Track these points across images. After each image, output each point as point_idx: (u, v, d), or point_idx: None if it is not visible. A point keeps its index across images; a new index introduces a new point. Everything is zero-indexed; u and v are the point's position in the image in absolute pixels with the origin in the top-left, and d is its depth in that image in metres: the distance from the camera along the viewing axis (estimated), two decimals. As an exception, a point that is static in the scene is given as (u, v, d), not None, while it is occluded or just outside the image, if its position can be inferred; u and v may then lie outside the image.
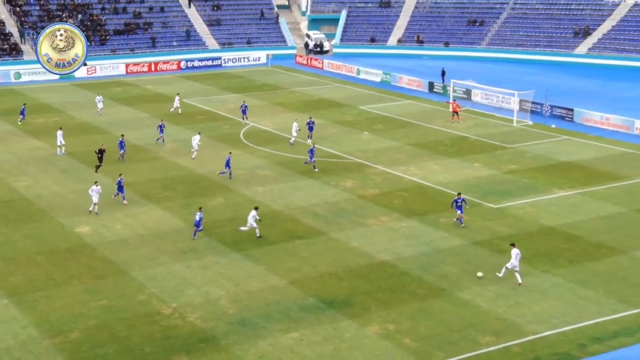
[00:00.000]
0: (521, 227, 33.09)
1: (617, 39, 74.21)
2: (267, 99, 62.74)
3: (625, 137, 48.04)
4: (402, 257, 30.24)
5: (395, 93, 64.26)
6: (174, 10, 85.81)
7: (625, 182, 38.90)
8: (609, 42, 74.48)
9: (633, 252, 30.11)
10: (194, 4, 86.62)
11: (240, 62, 79.70)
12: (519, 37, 79.77)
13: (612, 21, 76.47)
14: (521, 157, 43.88)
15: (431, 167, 42.32)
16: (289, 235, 32.64)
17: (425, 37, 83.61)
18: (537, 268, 28.92)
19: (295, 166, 42.84)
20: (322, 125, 52.98)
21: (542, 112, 53.99)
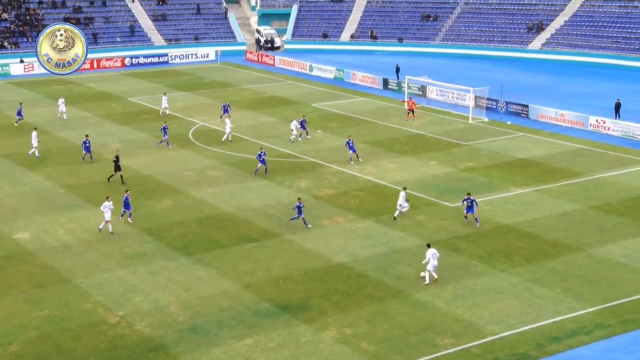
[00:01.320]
0: (478, 225, 33.49)
1: (569, 35, 75.91)
2: (216, 97, 62.26)
3: (580, 133, 49.13)
4: (358, 258, 30.32)
5: (349, 90, 64.49)
6: (116, 4, 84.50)
7: (580, 178, 39.78)
8: (562, 37, 76.13)
9: (588, 250, 30.78)
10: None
11: (188, 58, 78.94)
12: (473, 32, 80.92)
13: (565, 16, 78.18)
14: (477, 154, 44.49)
15: (387, 166, 42.56)
16: (242, 238, 32.43)
17: (378, 33, 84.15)
18: (495, 267, 29.33)
19: (247, 166, 42.59)
20: (274, 124, 52.83)
21: (497, 109, 54.85)
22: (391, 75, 66.83)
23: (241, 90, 64.86)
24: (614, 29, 73.85)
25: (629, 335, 24.34)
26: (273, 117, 54.82)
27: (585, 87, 63.88)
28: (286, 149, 46.19)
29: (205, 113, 55.35)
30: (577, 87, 63.70)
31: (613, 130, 48.75)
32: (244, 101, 60.09)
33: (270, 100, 60.45)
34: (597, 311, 25.85)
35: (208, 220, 34.53)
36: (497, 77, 65.43)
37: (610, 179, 39.71)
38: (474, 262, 29.78)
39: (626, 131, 48.09)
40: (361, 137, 48.58)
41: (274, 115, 55.31)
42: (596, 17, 76.27)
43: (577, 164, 42.29)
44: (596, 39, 73.81)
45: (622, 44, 72.02)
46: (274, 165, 42.27)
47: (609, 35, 73.59)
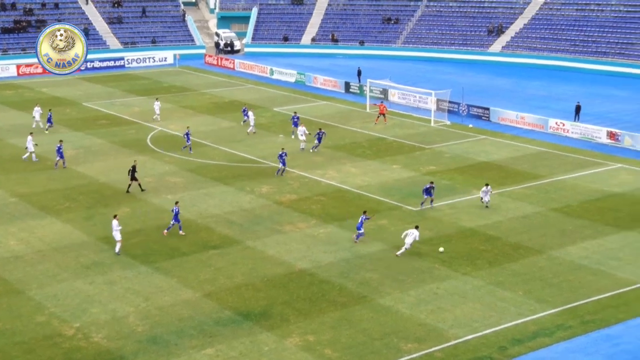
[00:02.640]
0: (441, 229, 33.85)
1: (529, 38, 77.16)
2: (175, 101, 61.80)
3: (540, 136, 49.97)
4: (321, 264, 30.36)
5: (311, 94, 64.60)
6: (69, 6, 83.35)
7: (540, 181, 40.44)
8: (521, 40, 77.35)
9: (549, 252, 31.31)
10: (91, 0, 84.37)
11: (145, 62, 78.23)
12: (434, 35, 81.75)
13: (524, 19, 79.48)
14: (440, 157, 44.93)
15: (349, 170, 42.73)
16: (203, 246, 32.23)
17: (339, 36, 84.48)
18: (458, 271, 29.64)
19: (208, 172, 42.36)
20: (235, 129, 52.65)
21: (459, 112, 55.48)
22: (353, 79, 67.16)
23: (200, 95, 64.49)
24: (572, 32, 75.31)
25: (589, 336, 24.81)
26: (234, 122, 54.60)
27: (544, 90, 65.00)
28: (247, 154, 46.04)
29: (163, 118, 54.90)
30: (537, 90, 64.79)
31: (572, 132, 49.68)
32: (204, 106, 59.77)
33: (230, 105, 60.24)
34: (558, 313, 26.30)
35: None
36: (459, 80, 66.19)
37: (569, 181, 40.46)
38: (437, 266, 30.06)
39: (585, 133, 49.05)
40: (323, 141, 48.61)
41: (235, 120, 55.09)
42: (554, 21, 77.72)
43: (538, 167, 42.99)
44: (555, 42, 75.18)
45: (579, 47, 73.48)
46: (235, 171, 42.11)
47: (567, 38, 75.02)
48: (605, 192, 38.45)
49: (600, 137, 48.19)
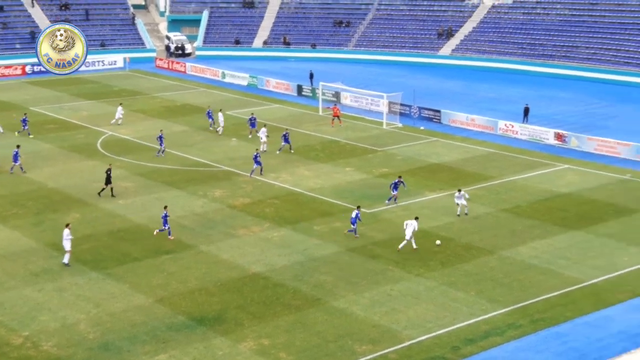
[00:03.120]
0: (394, 230, 34.11)
1: (478, 41, 78.41)
2: (125, 105, 60.93)
3: (490, 138, 50.80)
4: (275, 267, 30.32)
5: (263, 97, 64.50)
6: (14, 9, 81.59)
7: (491, 182, 41.10)
8: (470, 43, 78.56)
9: (500, 252, 31.84)
10: (37, 3, 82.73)
11: (94, 66, 77.01)
12: (385, 38, 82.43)
13: (473, 23, 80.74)
14: (392, 160, 45.31)
15: (303, 173, 42.76)
16: (155, 251, 31.88)
17: (291, 39, 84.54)
18: (411, 272, 29.92)
19: (160, 176, 41.92)
20: (187, 133, 52.23)
21: (410, 114, 56.03)
22: (305, 82, 67.27)
23: (152, 99, 63.80)
24: (519, 36, 76.80)
25: (539, 335, 25.30)
26: (186, 126, 54.15)
27: (494, 92, 66.11)
28: (200, 157, 45.71)
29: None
30: (486, 92, 65.86)
31: (521, 134, 50.63)
32: (155, 109, 59.15)
33: (182, 109, 59.73)
34: (509, 312, 26.75)
35: (119, 233, 33.78)
36: (410, 83, 66.88)
37: (519, 182, 41.22)
38: (390, 268, 30.29)
39: (533, 135, 50.05)
40: (276, 145, 48.61)
41: (187, 124, 54.65)
42: (502, 24, 79.13)
43: (488, 168, 43.69)
44: (503, 45, 76.55)
45: (527, 50, 74.96)
46: (187, 175, 41.77)
47: (514, 41, 76.46)
48: (554, 193, 39.28)
49: (547, 138, 49.23)
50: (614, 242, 32.76)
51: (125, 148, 47.87)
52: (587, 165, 43.95)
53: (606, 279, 29.23)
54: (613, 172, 42.58)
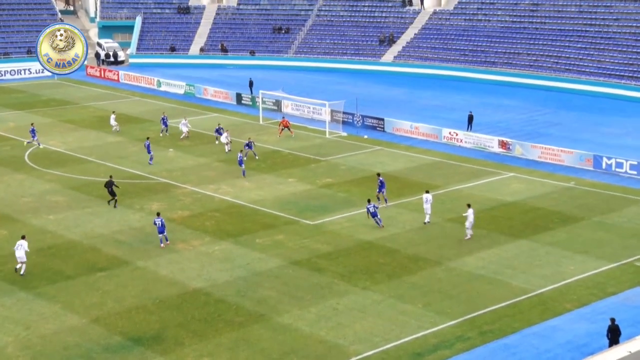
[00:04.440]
0: (339, 243, 34.22)
1: (420, 47, 79.58)
2: (55, 115, 59.71)
3: (434, 146, 51.48)
4: (216, 283, 30.03)
5: (201, 106, 64.02)
6: None
7: (436, 191, 41.60)
8: (412, 50, 79.66)
9: (447, 263, 32.22)
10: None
11: (20, 74, 75.13)
12: (325, 45, 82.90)
13: (415, 29, 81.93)
14: (336, 169, 45.49)
15: (243, 185, 42.55)
16: (89, 268, 31.23)
17: (229, 46, 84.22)
18: (357, 285, 30.02)
19: (93, 189, 41.11)
20: (121, 144, 51.41)
21: (354, 123, 56.39)
22: (245, 90, 67.06)
23: (82, 108, 62.62)
24: (461, 42, 78.25)
25: (488, 347, 25.66)
26: (120, 137, 53.28)
27: (437, 99, 67.08)
28: (135, 169, 45.03)
29: (42, 133, 52.85)
30: (430, 100, 66.78)
31: (465, 142, 51.48)
32: (87, 120, 58.07)
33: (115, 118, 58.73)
34: (457, 324, 27.06)
35: (50, 250, 32.98)
36: (352, 91, 67.34)
37: (465, 191, 41.87)
38: (336, 281, 30.33)
39: (478, 143, 50.94)
40: (215, 155, 48.28)
41: (121, 135, 53.78)
42: (444, 31, 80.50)
43: (433, 177, 44.25)
44: (445, 52, 77.86)
45: (469, 56, 76.39)
46: (122, 188, 41.03)
47: (457, 48, 77.85)
48: (499, 201, 40.02)
49: (492, 146, 50.18)
50: (560, 250, 33.53)
51: (55, 160, 46.80)
52: (532, 174, 44.94)
53: (553, 288, 29.86)
54: (557, 180, 43.66)
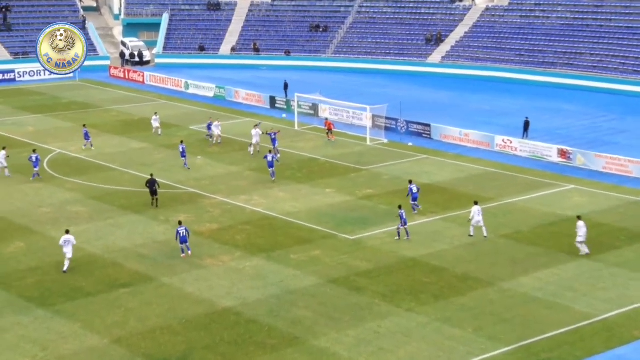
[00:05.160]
0: (380, 260, 34.11)
1: (470, 47, 79.23)
2: (76, 119, 60.67)
3: (486, 155, 51.13)
4: (247, 302, 30.15)
5: (232, 110, 64.49)
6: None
7: (488, 204, 41.27)
8: (462, 50, 79.35)
9: (500, 284, 31.90)
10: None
11: (39, 75, 76.40)
12: (367, 44, 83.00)
13: (465, 27, 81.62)
14: (377, 179, 45.42)
15: (277, 195, 42.70)
16: (111, 284, 31.59)
17: (262, 45, 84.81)
18: (401, 306, 29.88)
19: (115, 199, 41.63)
20: (146, 150, 52.01)
21: (397, 129, 56.30)
22: (279, 93, 67.40)
23: (105, 112, 63.52)
24: (517, 41, 77.72)
25: (546, 376, 25.34)
26: (144, 143, 53.92)
27: (489, 104, 66.66)
28: (161, 178, 45.47)
29: (63, 139, 53.75)
30: (481, 104, 66.38)
31: (521, 150, 51.05)
32: (110, 124, 58.87)
33: (140, 123, 59.48)
34: (511, 351, 26.75)
35: (69, 265, 33.41)
36: (396, 94, 67.24)
37: (519, 204, 41.48)
38: (377, 302, 30.23)
39: (534, 152, 50.47)
40: (247, 163, 48.59)
41: (146, 140, 54.42)
42: (497, 29, 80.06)
43: (485, 189, 43.92)
44: (498, 52, 77.41)
45: (525, 57, 75.84)
46: (147, 198, 41.46)
47: (511, 47, 77.35)
48: (559, 216, 39.56)
49: (550, 155, 49.67)
50: (627, 271, 32.99)
51: (76, 168, 47.50)
52: (595, 186, 44.38)
53: (619, 313, 29.38)
54: (624, 193, 43.02)
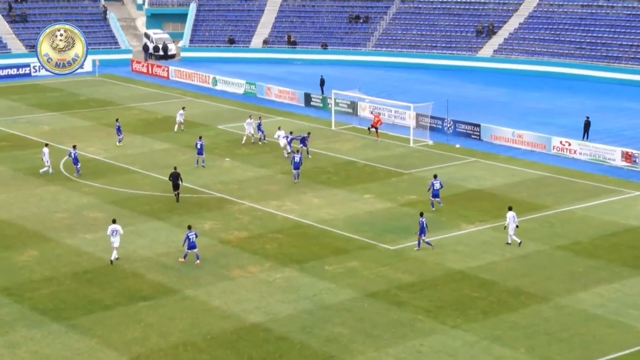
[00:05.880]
0: (424, 272, 33.99)
1: (525, 39, 78.70)
2: (95, 118, 61.39)
3: (542, 158, 50.72)
4: (278, 317, 30.22)
5: (263, 108, 64.74)
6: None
7: (544, 212, 40.93)
8: (516, 42, 78.85)
9: (556, 299, 31.61)
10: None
11: (57, 69, 77.65)
12: (411, 37, 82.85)
13: (520, 17, 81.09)
14: (421, 184, 45.28)
15: (311, 201, 42.76)
16: (130, 297, 31.86)
17: (297, 38, 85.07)
18: (446, 323, 29.75)
19: (136, 204, 42.02)
20: (170, 151, 52.44)
21: (443, 129, 56.10)
22: (315, 90, 67.53)
23: (127, 110, 64.15)
24: (577, 33, 77.01)
25: (608, 402, 25.05)
26: (168, 143, 54.37)
27: (545, 102, 66.11)
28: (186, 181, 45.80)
29: (80, 139, 54.42)
30: (536, 102, 65.86)
31: (580, 153, 50.57)
32: (132, 123, 59.44)
33: (164, 122, 60.00)
34: (569, 373, 26.52)
35: (86, 275, 33.79)
36: (442, 91, 66.99)
37: (578, 212, 41.07)
38: (420, 318, 30.13)
39: (596, 155, 49.96)
40: (280, 165, 48.76)
41: (169, 141, 54.87)
42: (556, 19, 79.42)
43: (540, 195, 43.56)
44: (557, 45, 76.78)
45: (586, 50, 75.12)
46: (170, 203, 41.82)
47: (571, 40, 76.68)
48: (622, 226, 39.11)
49: (614, 159, 49.14)
50: (698, 287, 32.50)
51: (94, 170, 48.04)
52: (663, 192, 43.85)
53: (689, 332, 28.96)
54: (695, 201, 42.42)
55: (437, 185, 40.91)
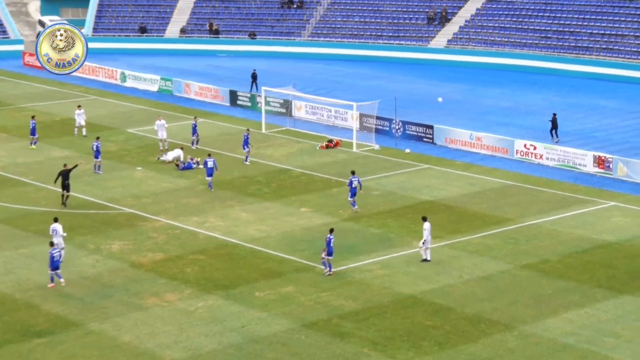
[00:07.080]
0: (370, 297, 34.08)
1: (483, 28, 79.69)
2: (-19, 120, 60.49)
3: (503, 164, 51.33)
4: (200, 353, 30.05)
5: (181, 107, 64.47)
6: None
7: (507, 226, 41.41)
8: (473, 31, 79.78)
9: (522, 327, 31.93)
10: None
11: None
12: (353, 24, 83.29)
13: (476, 3, 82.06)
14: (366, 196, 45.44)
15: (239, 216, 42.68)
16: (23, 332, 31.40)
17: (220, 25, 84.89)
18: (396, 357, 29.86)
19: (30, 223, 41.43)
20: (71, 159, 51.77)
21: (391, 132, 56.43)
22: (242, 87, 67.41)
23: (18, 111, 63.35)
24: (542, 20, 78.15)
25: None
26: (68, 150, 53.76)
27: (508, 99, 67.00)
28: (89, 195, 45.32)
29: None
30: (497, 100, 66.70)
31: (547, 158, 51.27)
32: (23, 127, 58.56)
33: (62, 125, 59.41)
34: (537, 412, 26.86)
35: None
36: (390, 88, 67.47)
37: (546, 226, 41.63)
38: (366, 351, 30.20)
39: (564, 160, 50.70)
40: (201, 175, 48.50)
41: (70, 147, 54.26)
42: (518, 4, 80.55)
43: (502, 207, 44.07)
44: (519, 34, 77.90)
45: (553, 40, 76.36)
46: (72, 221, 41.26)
47: (535, 28, 77.83)
48: (595, 242, 39.73)
49: (584, 164, 49.93)
50: (681, 310, 33.19)
51: (-20, 182, 47.32)
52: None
53: (671, 362, 29.54)
54: (676, 211, 43.38)
55: (354, 183, 42.02)
